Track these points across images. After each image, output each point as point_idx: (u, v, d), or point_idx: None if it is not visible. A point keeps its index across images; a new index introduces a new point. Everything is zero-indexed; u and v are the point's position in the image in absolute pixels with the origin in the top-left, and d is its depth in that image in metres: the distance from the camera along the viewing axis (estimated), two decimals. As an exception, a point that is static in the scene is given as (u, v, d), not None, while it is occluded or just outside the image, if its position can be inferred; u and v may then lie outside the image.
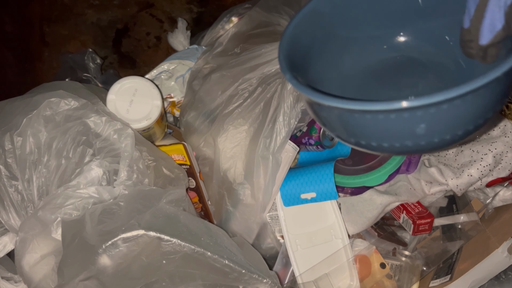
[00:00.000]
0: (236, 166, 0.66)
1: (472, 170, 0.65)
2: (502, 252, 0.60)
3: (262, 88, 0.67)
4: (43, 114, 0.61)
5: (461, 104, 0.34)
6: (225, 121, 0.68)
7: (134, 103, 0.70)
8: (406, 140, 0.37)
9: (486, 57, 0.40)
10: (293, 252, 0.67)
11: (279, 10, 0.71)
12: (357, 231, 0.69)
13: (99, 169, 0.59)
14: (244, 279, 0.54)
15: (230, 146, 0.67)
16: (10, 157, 0.60)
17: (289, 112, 0.63)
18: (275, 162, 0.64)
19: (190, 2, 1.10)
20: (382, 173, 0.67)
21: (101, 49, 1.07)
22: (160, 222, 0.52)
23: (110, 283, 0.50)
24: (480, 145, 0.66)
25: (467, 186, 0.67)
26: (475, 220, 0.67)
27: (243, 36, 0.75)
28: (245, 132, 0.66)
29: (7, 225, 0.61)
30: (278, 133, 0.63)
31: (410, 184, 0.70)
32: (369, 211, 0.67)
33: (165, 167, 0.65)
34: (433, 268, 0.68)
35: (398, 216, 0.71)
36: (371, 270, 0.66)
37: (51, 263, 0.56)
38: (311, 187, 0.67)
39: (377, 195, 0.67)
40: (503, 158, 0.66)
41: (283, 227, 0.67)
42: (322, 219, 0.68)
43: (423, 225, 0.67)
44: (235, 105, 0.68)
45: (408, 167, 0.70)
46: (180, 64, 0.87)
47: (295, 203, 0.68)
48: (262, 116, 0.66)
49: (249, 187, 0.65)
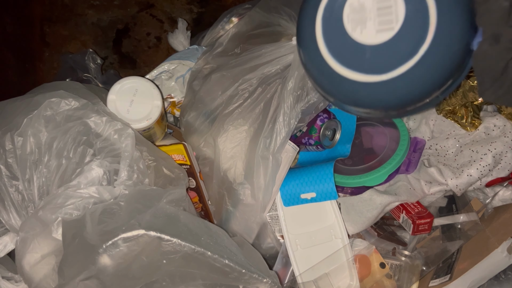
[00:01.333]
0: (236, 166, 0.66)
1: (472, 170, 0.66)
2: (501, 252, 0.60)
3: (262, 88, 0.67)
4: (44, 114, 0.61)
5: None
6: (225, 121, 0.68)
7: (135, 103, 0.70)
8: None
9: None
10: (293, 252, 0.67)
11: (279, 11, 0.71)
12: (357, 231, 0.69)
13: (100, 169, 0.59)
14: (244, 279, 0.54)
15: (230, 146, 0.67)
16: (10, 157, 0.60)
17: (289, 112, 0.63)
18: (275, 162, 0.64)
19: (190, 2, 1.11)
20: (381, 173, 0.67)
21: (101, 49, 1.07)
22: (161, 222, 0.52)
23: (110, 283, 0.51)
24: (480, 145, 0.67)
25: (467, 186, 0.67)
26: (475, 220, 0.67)
27: (243, 37, 0.75)
28: (245, 132, 0.66)
29: (7, 225, 0.61)
30: (278, 133, 0.63)
31: (410, 184, 0.70)
32: (368, 211, 0.67)
33: (165, 167, 0.65)
34: (433, 268, 0.68)
35: (397, 216, 0.71)
36: (371, 269, 0.66)
37: (52, 263, 0.56)
38: (311, 187, 0.67)
39: (376, 195, 0.68)
40: (503, 158, 0.66)
41: (283, 227, 0.68)
42: (322, 219, 0.68)
43: (422, 225, 0.67)
44: (235, 105, 0.68)
45: (407, 167, 0.70)
46: (181, 64, 0.87)
47: (295, 203, 0.68)
48: (262, 116, 0.66)
49: (249, 187, 0.65)
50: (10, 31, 0.94)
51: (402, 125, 0.73)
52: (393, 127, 0.73)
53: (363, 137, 0.75)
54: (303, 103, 0.64)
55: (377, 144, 0.73)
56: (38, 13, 1.05)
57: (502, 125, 0.67)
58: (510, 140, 0.66)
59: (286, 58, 0.66)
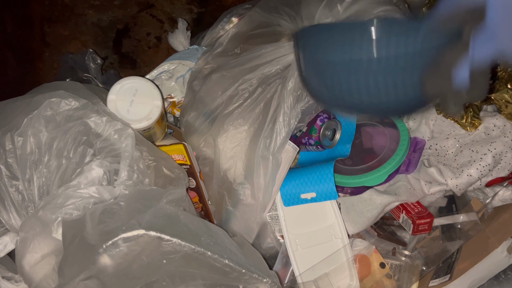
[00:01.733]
0: (236, 166, 0.66)
1: (472, 170, 0.66)
2: (501, 252, 0.60)
3: (262, 88, 0.67)
4: (44, 114, 0.61)
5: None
6: (225, 121, 0.68)
7: (135, 103, 0.70)
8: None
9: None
10: (293, 252, 0.67)
11: (279, 11, 0.71)
12: (357, 231, 0.69)
13: (100, 169, 0.59)
14: (244, 279, 0.54)
15: (230, 146, 0.67)
16: (11, 157, 0.60)
17: (289, 112, 0.63)
18: (275, 162, 0.64)
19: (190, 2, 1.11)
20: (381, 173, 0.67)
21: (101, 49, 1.07)
22: (161, 222, 0.53)
23: (110, 283, 0.51)
24: (480, 145, 0.67)
25: (467, 186, 0.67)
26: (475, 220, 0.67)
27: (243, 37, 0.75)
28: (245, 132, 0.67)
29: (7, 225, 0.61)
30: (278, 133, 0.63)
31: (410, 184, 0.70)
32: (368, 211, 0.67)
33: (165, 167, 0.65)
34: (433, 268, 0.68)
35: (397, 216, 0.71)
36: (371, 269, 0.66)
37: (52, 263, 0.56)
38: (311, 187, 0.67)
39: (376, 195, 0.68)
40: (503, 158, 0.66)
41: (283, 227, 0.68)
42: (322, 219, 0.68)
43: (422, 225, 0.67)
44: (235, 105, 0.68)
45: (407, 167, 0.70)
46: (181, 65, 0.87)
47: (295, 203, 0.68)
48: (262, 116, 0.66)
49: (249, 187, 0.65)
50: (10, 31, 0.94)
51: (402, 125, 0.73)
52: (393, 127, 0.73)
53: (363, 137, 0.75)
54: (303, 103, 0.64)
55: (377, 144, 0.73)
56: (38, 13, 1.05)
57: (502, 125, 0.67)
58: (510, 140, 0.66)
59: (286, 58, 0.67)
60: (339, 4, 0.63)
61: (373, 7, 0.61)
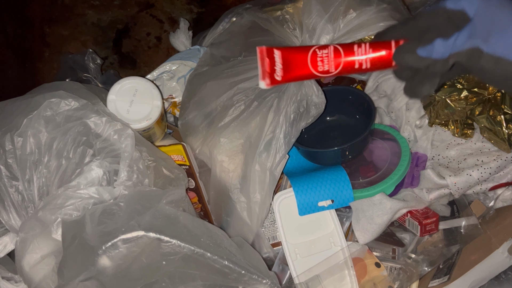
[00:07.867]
0: (232, 179, 0.66)
1: (472, 171, 0.65)
2: (502, 253, 0.60)
3: (258, 102, 0.67)
4: (44, 115, 0.61)
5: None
6: (221, 134, 0.67)
7: (135, 104, 0.70)
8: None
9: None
10: (292, 261, 0.66)
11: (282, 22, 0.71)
12: (368, 240, 0.66)
13: (99, 170, 0.59)
14: (244, 280, 0.54)
15: (226, 159, 0.67)
16: (10, 157, 0.60)
17: (290, 130, 0.64)
18: (272, 178, 0.64)
19: (190, 2, 1.11)
20: (385, 187, 0.67)
21: (101, 50, 1.07)
22: (160, 223, 0.52)
23: (110, 284, 0.51)
24: (485, 156, 0.66)
25: (466, 186, 0.66)
26: (475, 223, 0.67)
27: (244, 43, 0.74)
28: (241, 146, 0.66)
29: (7, 225, 0.61)
30: (277, 151, 0.64)
31: (414, 192, 0.70)
32: (379, 216, 0.66)
33: (165, 167, 0.65)
34: (433, 268, 0.68)
35: (403, 220, 0.70)
36: (367, 270, 0.66)
37: (51, 264, 0.56)
38: (328, 193, 0.66)
39: (387, 199, 0.66)
40: (507, 165, 0.66)
41: (282, 237, 0.67)
42: (321, 227, 0.68)
43: (429, 225, 0.67)
44: (231, 117, 0.68)
45: (412, 181, 0.70)
46: (182, 65, 0.87)
47: (311, 211, 0.67)
48: (258, 130, 0.65)
49: (245, 201, 0.65)
50: (10, 31, 0.95)
51: (403, 141, 0.72)
52: (393, 141, 0.72)
53: (364, 151, 0.75)
54: (304, 122, 0.65)
55: (378, 158, 0.72)
56: (38, 13, 1.05)
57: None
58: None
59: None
60: (341, 19, 0.66)
61: (373, 22, 0.66)
